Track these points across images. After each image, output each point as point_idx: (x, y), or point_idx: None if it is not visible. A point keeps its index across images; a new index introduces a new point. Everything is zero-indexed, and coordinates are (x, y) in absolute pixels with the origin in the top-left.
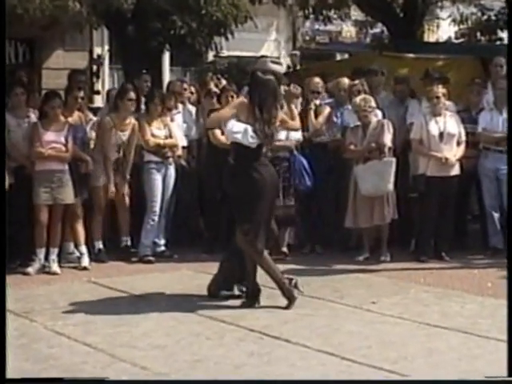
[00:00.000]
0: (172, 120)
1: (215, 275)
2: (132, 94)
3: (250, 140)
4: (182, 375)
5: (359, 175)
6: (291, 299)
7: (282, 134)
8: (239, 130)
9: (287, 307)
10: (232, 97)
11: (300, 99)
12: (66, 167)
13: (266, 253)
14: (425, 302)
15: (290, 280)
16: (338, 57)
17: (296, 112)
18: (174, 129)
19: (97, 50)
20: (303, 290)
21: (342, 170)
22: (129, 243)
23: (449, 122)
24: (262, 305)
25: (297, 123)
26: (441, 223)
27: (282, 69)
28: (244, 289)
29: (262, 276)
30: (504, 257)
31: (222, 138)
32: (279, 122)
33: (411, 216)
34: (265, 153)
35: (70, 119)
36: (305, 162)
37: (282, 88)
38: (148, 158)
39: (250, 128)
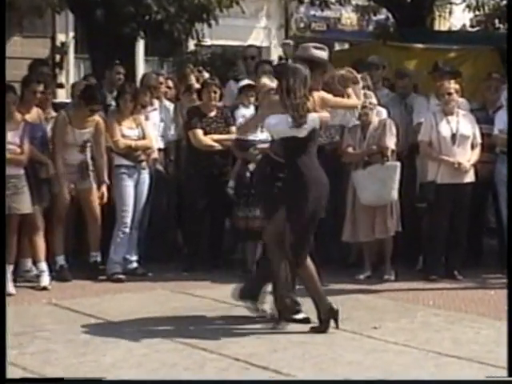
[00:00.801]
0: (146, 118)
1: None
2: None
3: (294, 130)
4: None
5: (358, 182)
6: (325, 324)
7: (266, 135)
8: (281, 120)
9: (320, 330)
10: (215, 92)
11: (360, 84)
12: (22, 171)
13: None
14: (434, 327)
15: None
16: (337, 47)
17: (353, 95)
18: (148, 128)
19: (60, 38)
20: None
21: (339, 176)
22: (99, 259)
23: (462, 123)
24: (249, 330)
25: (353, 100)
26: (453, 237)
27: (325, 55)
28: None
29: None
30: None
31: (205, 139)
32: (320, 102)
33: (419, 229)
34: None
35: (27, 116)
36: None
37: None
38: (118, 162)
39: (289, 118)
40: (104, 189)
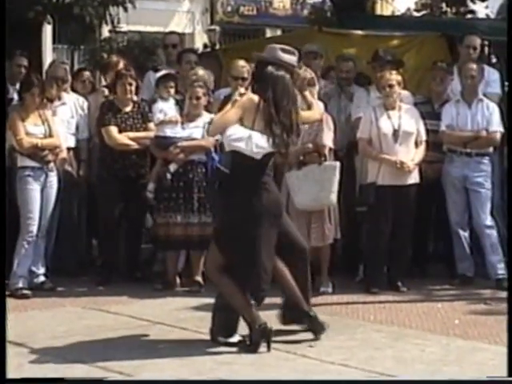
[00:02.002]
0: (54, 114)
1: (212, 314)
2: None
3: (255, 150)
4: None
5: (293, 184)
6: (256, 345)
7: (198, 132)
8: (242, 137)
9: (249, 350)
10: (130, 84)
11: (317, 86)
12: None
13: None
14: (376, 344)
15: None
16: (269, 33)
17: (311, 99)
18: (55, 125)
19: None
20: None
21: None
22: None
23: (404, 118)
24: (171, 350)
25: (315, 113)
26: (396, 245)
27: (295, 60)
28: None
29: (170, 312)
30: (475, 287)
31: (120, 137)
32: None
33: (359, 236)
34: (270, 164)
35: None
36: None
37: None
38: (22, 163)
39: (255, 134)
40: None
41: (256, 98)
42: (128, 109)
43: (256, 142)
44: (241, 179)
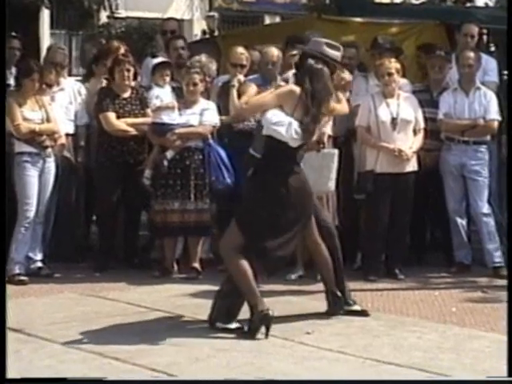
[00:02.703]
0: (52, 99)
1: (214, 300)
2: None
3: (294, 136)
4: None
5: None
6: (254, 330)
7: (195, 119)
8: (283, 122)
9: (247, 336)
10: (128, 70)
11: (348, 93)
12: None
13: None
14: (373, 332)
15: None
16: (267, 20)
17: (342, 97)
18: (52, 111)
19: None
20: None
21: None
22: None
23: (403, 106)
24: (168, 336)
25: (343, 106)
26: (393, 232)
27: (339, 55)
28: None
29: (167, 299)
30: (472, 275)
31: (118, 124)
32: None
33: (356, 223)
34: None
35: None
36: (223, 153)
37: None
38: (20, 149)
39: (295, 122)
40: None
41: (298, 88)
42: (126, 95)
43: (296, 129)
44: (273, 164)
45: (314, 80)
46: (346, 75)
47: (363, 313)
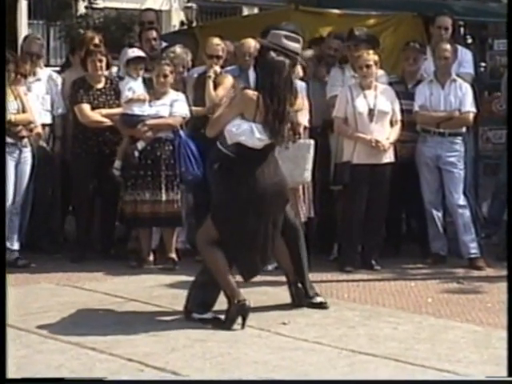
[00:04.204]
0: (29, 89)
1: (189, 291)
2: None
3: (257, 142)
4: None
5: None
6: (231, 321)
7: (165, 110)
8: (244, 131)
9: (224, 326)
10: (101, 61)
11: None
12: None
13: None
14: (349, 322)
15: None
16: (245, 11)
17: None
18: (28, 101)
19: None
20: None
21: None
22: None
23: (380, 97)
24: (145, 327)
25: (300, 103)
26: (370, 224)
27: (299, 47)
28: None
29: (144, 289)
30: (448, 266)
31: (92, 115)
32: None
33: (333, 214)
34: (273, 150)
35: None
36: (192, 144)
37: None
38: None
39: (255, 126)
40: None
41: (254, 93)
42: (100, 85)
43: (258, 136)
44: (244, 164)
45: (276, 73)
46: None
47: (323, 305)
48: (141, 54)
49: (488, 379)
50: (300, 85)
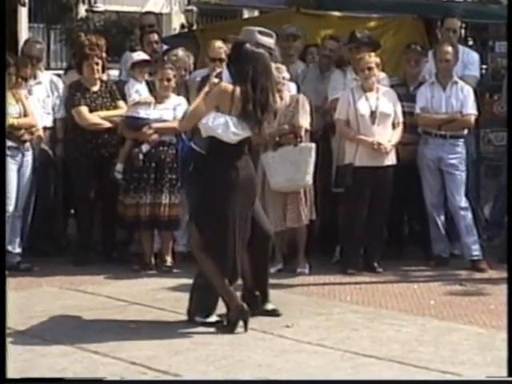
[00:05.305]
0: (30, 93)
1: (190, 294)
2: None
3: (232, 137)
4: None
5: (268, 165)
6: (233, 325)
7: (168, 113)
8: (218, 124)
9: (227, 330)
10: (97, 64)
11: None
12: None
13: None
14: (352, 325)
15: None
16: (246, 14)
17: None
18: (30, 105)
19: None
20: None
21: None
22: None
23: (382, 100)
24: (147, 330)
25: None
26: (372, 226)
27: (273, 42)
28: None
29: (147, 293)
30: (450, 268)
31: (90, 117)
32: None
33: (335, 217)
34: (247, 146)
35: None
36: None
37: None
38: None
39: (231, 120)
40: None
41: (229, 86)
42: (96, 88)
43: (233, 130)
44: (217, 161)
45: (257, 65)
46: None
47: (275, 312)
48: (146, 57)
49: (488, 379)
50: (291, 85)
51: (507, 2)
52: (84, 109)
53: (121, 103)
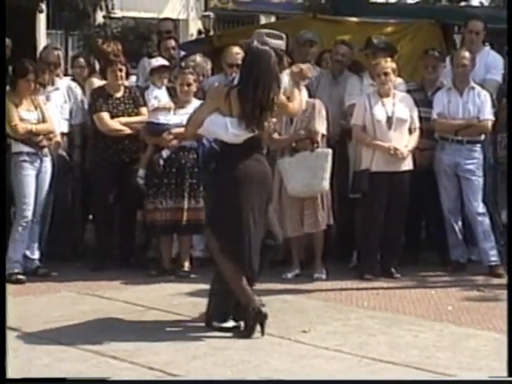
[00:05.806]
0: (48, 99)
1: (208, 298)
2: None
3: (232, 137)
4: None
5: (285, 171)
6: (250, 329)
7: (180, 119)
8: (219, 126)
9: (244, 335)
10: (120, 70)
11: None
12: None
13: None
14: (369, 330)
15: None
16: (263, 20)
17: (299, 96)
18: (48, 111)
19: None
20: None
21: None
22: None
23: (398, 105)
24: (165, 335)
25: (295, 107)
26: (389, 231)
27: (283, 44)
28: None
29: (164, 298)
30: (468, 273)
31: (112, 123)
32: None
33: (352, 222)
34: (257, 145)
35: None
36: None
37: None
38: (17, 149)
39: (230, 121)
40: None
41: (223, 88)
42: (119, 94)
43: (232, 131)
44: (227, 161)
45: (260, 60)
46: (306, 68)
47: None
48: (165, 63)
49: (488, 379)
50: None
51: (507, 3)
52: (105, 115)
53: (143, 110)
